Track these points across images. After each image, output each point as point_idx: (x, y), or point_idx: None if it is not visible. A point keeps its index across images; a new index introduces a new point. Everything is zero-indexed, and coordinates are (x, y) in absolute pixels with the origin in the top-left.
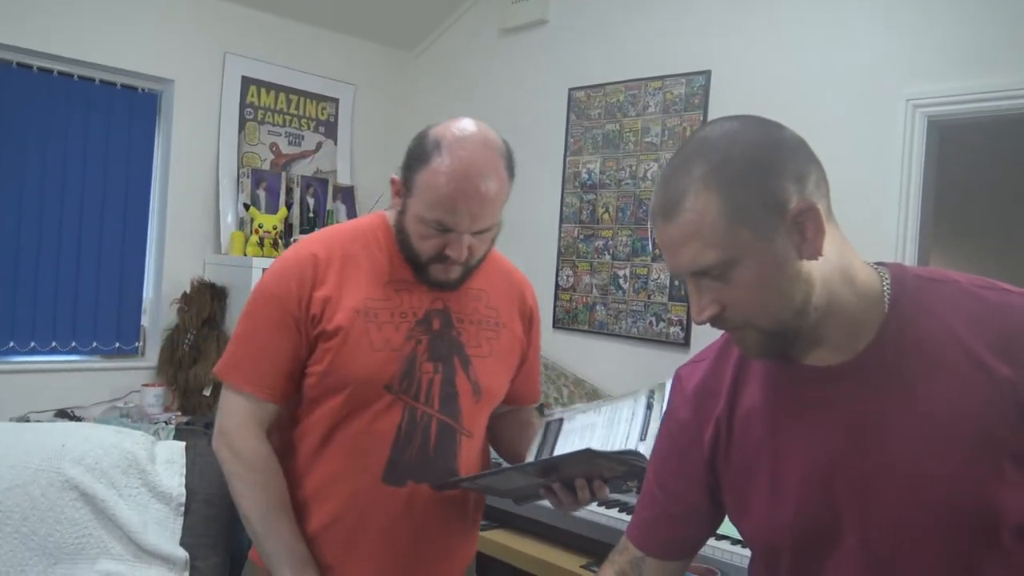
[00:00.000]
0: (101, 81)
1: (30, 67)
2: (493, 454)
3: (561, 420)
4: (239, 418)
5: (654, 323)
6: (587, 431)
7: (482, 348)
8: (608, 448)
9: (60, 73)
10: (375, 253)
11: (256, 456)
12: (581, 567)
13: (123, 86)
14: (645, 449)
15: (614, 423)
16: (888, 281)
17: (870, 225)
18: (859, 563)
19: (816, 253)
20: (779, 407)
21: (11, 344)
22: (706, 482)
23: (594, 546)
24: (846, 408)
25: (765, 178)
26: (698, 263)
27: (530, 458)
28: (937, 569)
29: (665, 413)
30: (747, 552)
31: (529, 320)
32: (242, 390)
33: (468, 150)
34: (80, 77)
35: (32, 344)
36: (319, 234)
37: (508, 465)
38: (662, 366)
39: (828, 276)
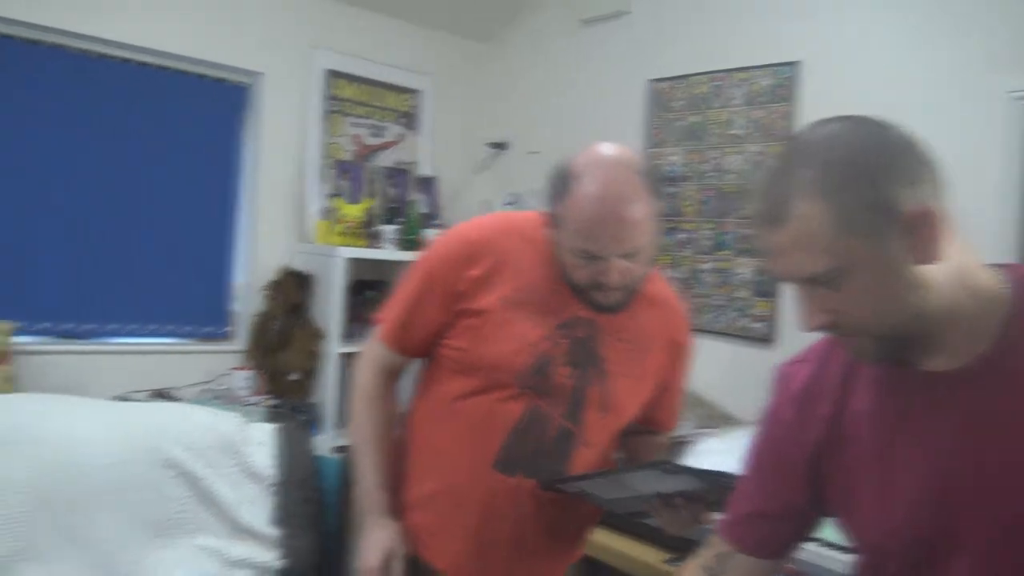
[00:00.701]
0: (194, 74)
1: (129, 61)
2: None
3: (686, 442)
4: (370, 356)
5: (737, 319)
6: (710, 456)
7: (622, 366)
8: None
9: (157, 67)
10: (532, 250)
11: (367, 390)
12: (663, 562)
13: (215, 79)
14: None
15: (736, 450)
16: (1008, 283)
17: (967, 222)
18: (975, 564)
19: (932, 258)
20: (892, 411)
21: (113, 327)
22: (807, 483)
23: (676, 542)
24: (963, 413)
25: (873, 182)
26: (807, 271)
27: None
28: None
29: (766, 411)
30: (833, 554)
31: (677, 351)
32: (381, 338)
33: (603, 175)
34: (175, 70)
35: (132, 327)
36: (486, 219)
37: (619, 469)
38: (745, 362)
39: (945, 280)
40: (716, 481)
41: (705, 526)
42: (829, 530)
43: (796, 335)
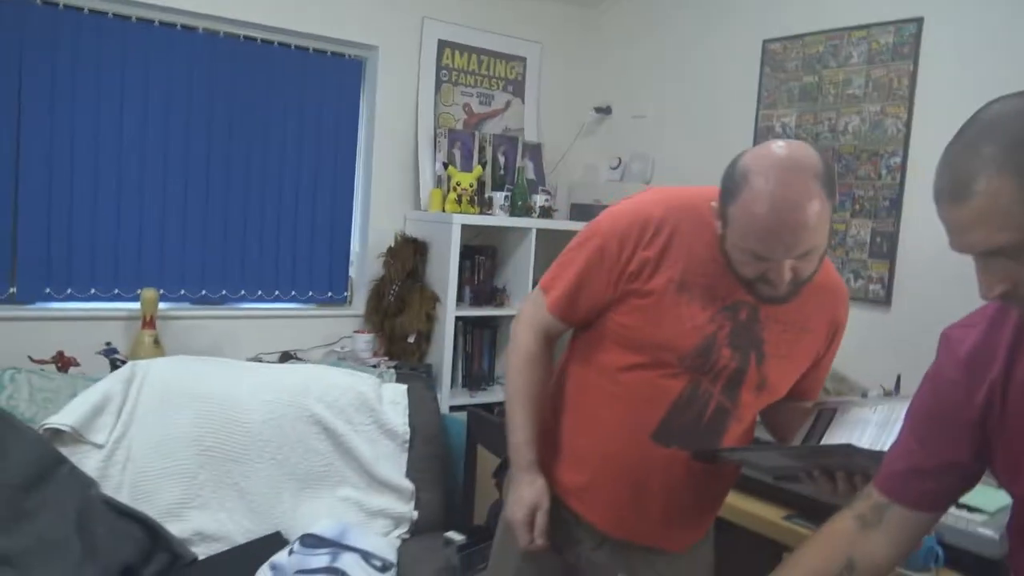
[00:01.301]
0: (314, 50)
1: (252, 39)
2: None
3: (834, 411)
4: (532, 318)
5: (853, 280)
6: (858, 426)
7: (780, 348)
8: (875, 447)
9: (279, 44)
10: (703, 231)
11: (526, 349)
12: (782, 519)
13: (333, 54)
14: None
15: (887, 424)
16: None
17: None
18: None
19: None
20: None
21: (242, 293)
22: (970, 442)
23: (795, 499)
24: None
25: None
26: (991, 245)
27: (796, 442)
28: None
29: (931, 372)
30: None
31: (835, 331)
32: (548, 307)
33: (776, 181)
34: (296, 47)
35: (260, 293)
36: (662, 195)
37: (772, 444)
38: (862, 324)
39: None
40: (874, 458)
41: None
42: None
43: (913, 298)
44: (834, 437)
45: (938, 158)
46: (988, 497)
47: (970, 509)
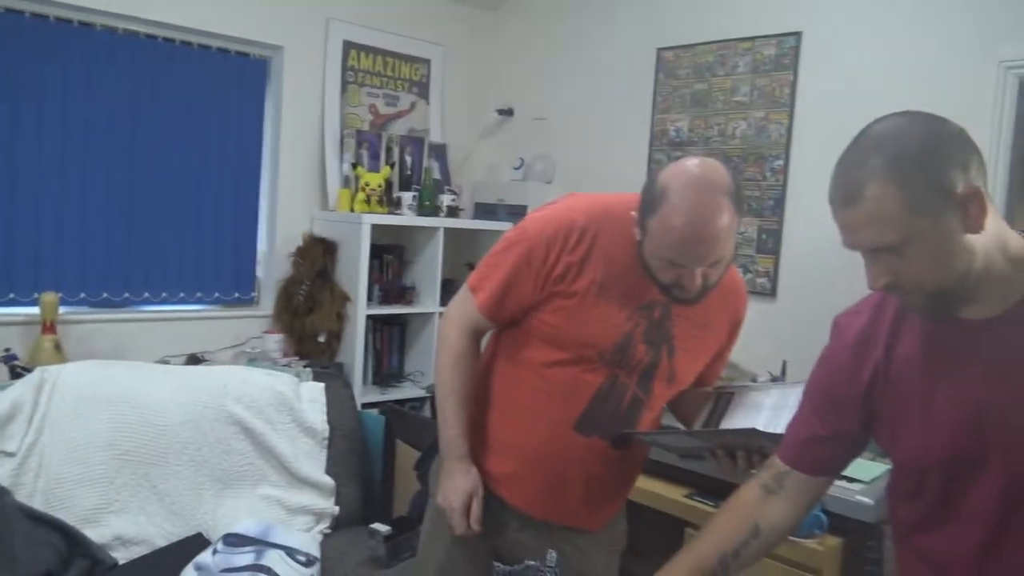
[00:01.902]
0: (218, 49)
1: (155, 37)
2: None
3: (732, 395)
4: (461, 317)
5: (742, 275)
6: (754, 410)
7: (688, 343)
8: (770, 429)
9: (181, 42)
10: (623, 237)
11: (456, 347)
12: (685, 496)
13: (237, 53)
14: None
15: (780, 408)
16: None
17: None
18: (999, 484)
19: (979, 228)
20: (934, 354)
21: (146, 295)
22: (859, 413)
23: (698, 479)
24: (994, 354)
25: (936, 168)
26: (878, 243)
27: (699, 424)
28: None
29: (824, 353)
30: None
31: (735, 327)
32: (478, 307)
33: (691, 197)
34: (200, 45)
35: (164, 295)
36: (586, 202)
37: (682, 429)
38: (750, 315)
39: (986, 246)
40: (773, 439)
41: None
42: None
43: (796, 289)
44: (733, 419)
45: (816, 160)
46: (865, 469)
47: (849, 480)
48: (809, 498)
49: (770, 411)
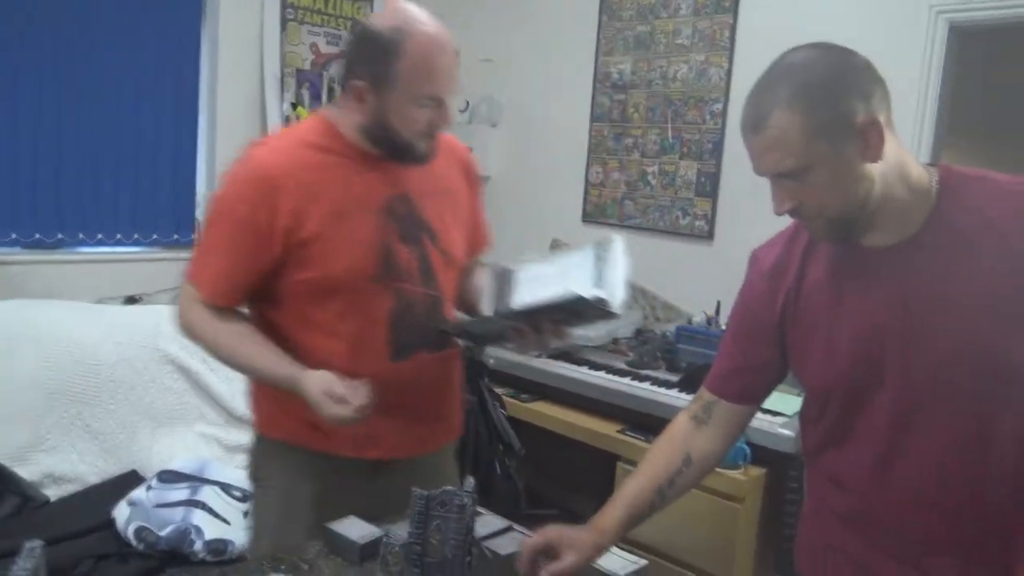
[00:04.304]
0: None
1: None
2: None
3: (512, 271)
4: (198, 316)
5: (680, 217)
6: (540, 281)
7: (442, 219)
8: (562, 294)
9: None
10: (329, 156)
11: (206, 319)
12: (618, 432)
13: None
14: (605, 295)
15: (565, 274)
16: (936, 179)
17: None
18: (894, 403)
19: (877, 157)
20: (839, 279)
21: (80, 236)
22: (776, 342)
23: (629, 415)
24: (895, 280)
25: (838, 98)
26: (780, 168)
27: (487, 306)
28: (956, 415)
29: (743, 286)
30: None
31: (472, 178)
32: (207, 299)
33: (427, 25)
34: None
35: (99, 236)
36: (268, 148)
37: (497, 313)
38: (688, 257)
39: (886, 175)
40: (568, 306)
41: (561, 341)
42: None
43: (732, 232)
44: (523, 294)
45: None
46: (787, 402)
47: (772, 413)
48: (735, 426)
49: (557, 278)
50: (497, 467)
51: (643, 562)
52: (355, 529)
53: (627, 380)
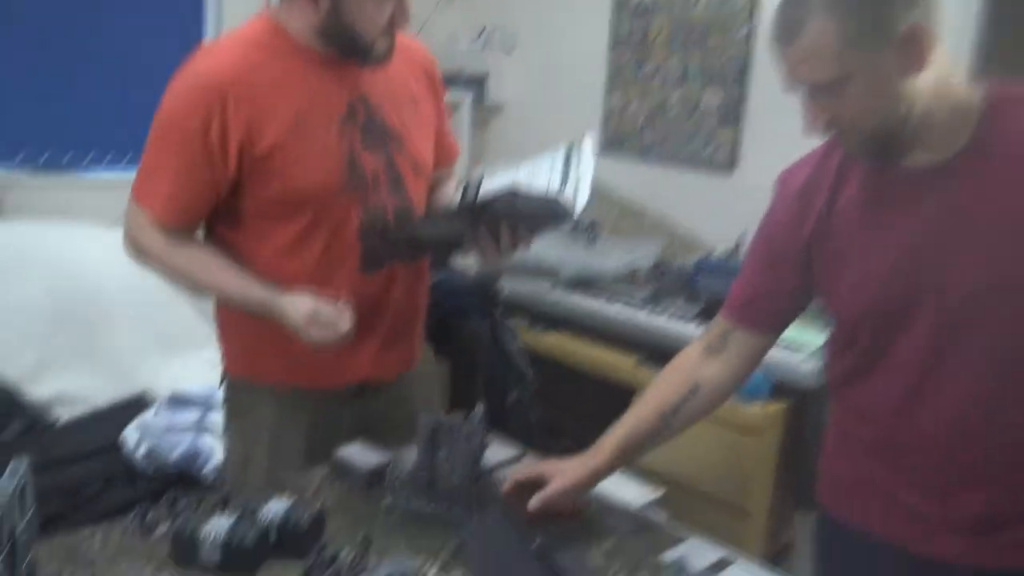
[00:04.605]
0: None
1: None
2: None
3: (481, 176)
4: (147, 239)
5: (702, 147)
6: (506, 183)
7: (407, 127)
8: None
9: None
10: (281, 59)
11: (167, 242)
12: (634, 365)
13: None
14: (568, 195)
15: (534, 175)
16: (984, 96)
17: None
18: (929, 330)
19: (919, 69)
20: (875, 200)
21: (90, 159)
22: (802, 267)
23: (646, 348)
24: (934, 202)
25: (877, 4)
26: (815, 79)
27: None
28: (993, 342)
29: (769, 208)
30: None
31: (435, 86)
32: (157, 220)
33: None
34: None
35: (109, 159)
36: (213, 54)
37: (442, 213)
38: (709, 188)
39: (928, 90)
40: (535, 202)
41: (521, 249)
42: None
43: (756, 162)
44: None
45: None
46: (810, 336)
47: (794, 347)
48: (751, 357)
49: (525, 179)
50: (509, 398)
51: (659, 492)
52: (361, 455)
53: (644, 312)
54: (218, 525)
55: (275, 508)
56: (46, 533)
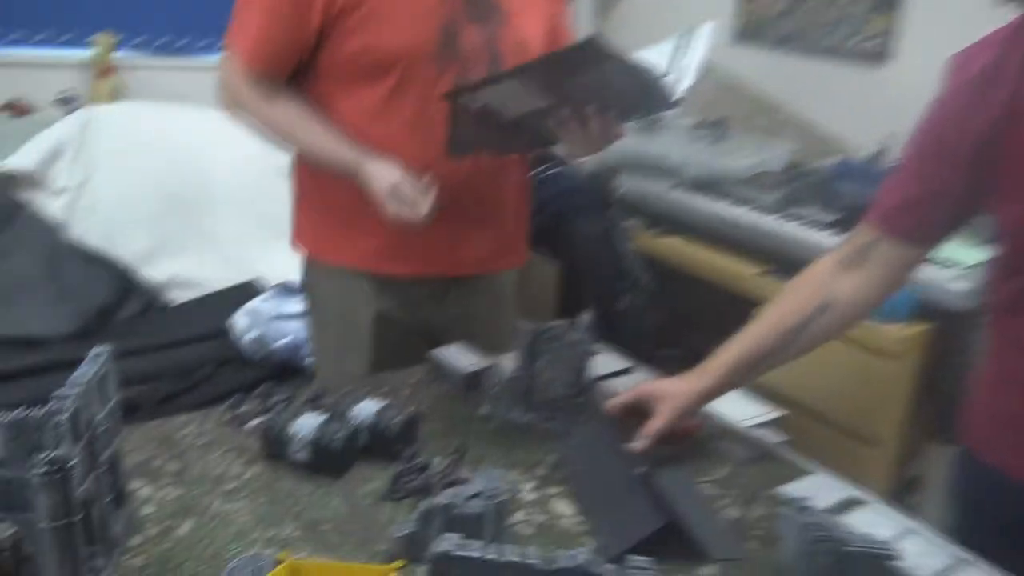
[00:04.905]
0: None
1: None
2: None
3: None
4: (238, 87)
5: (849, 37)
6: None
7: (518, 3)
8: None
9: None
10: None
11: (261, 94)
12: (759, 274)
13: None
14: (671, 80)
15: (640, 59)
16: None
17: None
18: None
19: None
20: None
21: (205, 42)
22: (970, 168)
23: (774, 256)
24: None
25: None
26: None
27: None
28: None
29: (937, 97)
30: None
31: None
32: (243, 61)
33: None
34: None
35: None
36: None
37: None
38: (855, 84)
39: None
40: (635, 75)
41: (613, 141)
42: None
43: (914, 53)
44: None
45: None
46: (965, 253)
47: (943, 263)
48: (896, 273)
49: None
50: (621, 304)
51: (777, 413)
52: (460, 357)
53: (773, 218)
54: (307, 423)
55: (367, 409)
56: (154, 415)
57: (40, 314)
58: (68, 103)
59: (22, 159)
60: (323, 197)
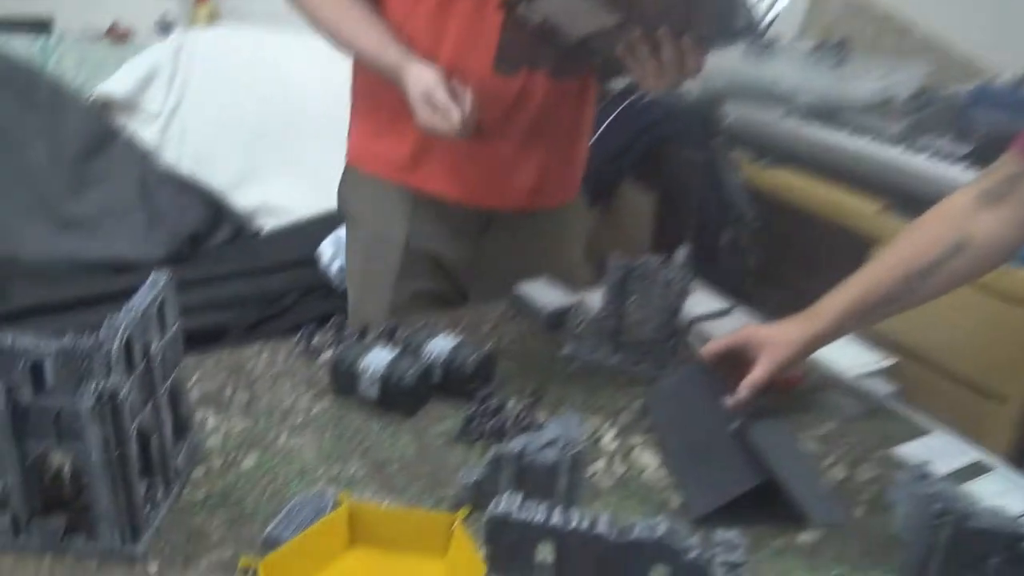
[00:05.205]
0: None
1: None
2: None
3: None
4: None
5: None
6: None
7: None
8: None
9: None
10: None
11: None
12: (879, 211)
13: None
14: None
15: None
16: None
17: None
18: None
19: None
20: None
21: None
22: None
23: (897, 192)
24: None
25: None
26: None
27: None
28: None
29: None
30: None
31: None
32: None
33: None
34: None
35: None
36: None
37: None
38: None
39: None
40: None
41: (690, 76)
42: None
43: None
44: None
45: None
46: None
47: None
48: None
49: None
50: (723, 239)
51: (888, 361)
52: (544, 294)
53: (898, 150)
54: (378, 358)
55: (441, 345)
56: (240, 341)
57: (132, 239)
58: (166, 28)
59: (116, 84)
60: (367, 100)
